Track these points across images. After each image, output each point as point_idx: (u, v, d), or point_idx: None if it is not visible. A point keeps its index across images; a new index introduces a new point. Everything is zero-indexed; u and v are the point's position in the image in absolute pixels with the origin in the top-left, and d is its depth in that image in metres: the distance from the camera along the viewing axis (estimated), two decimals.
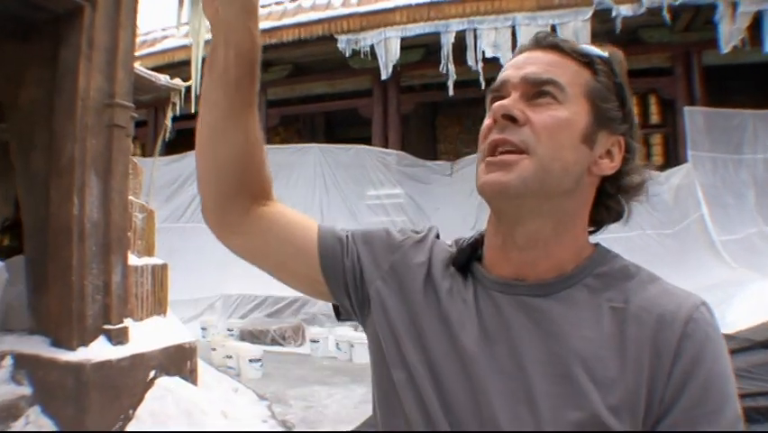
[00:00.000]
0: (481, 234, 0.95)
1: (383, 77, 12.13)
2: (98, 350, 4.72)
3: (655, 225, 10.17)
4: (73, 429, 4.44)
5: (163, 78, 8.76)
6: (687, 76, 11.54)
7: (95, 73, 4.95)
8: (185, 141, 13.56)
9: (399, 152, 12.95)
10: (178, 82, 9.12)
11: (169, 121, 9.53)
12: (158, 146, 10.44)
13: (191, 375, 5.56)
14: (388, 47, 11.90)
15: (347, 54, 12.18)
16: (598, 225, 0.92)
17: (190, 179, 13.27)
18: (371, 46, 12.01)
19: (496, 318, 0.84)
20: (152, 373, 5.05)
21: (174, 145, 12.40)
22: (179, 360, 5.44)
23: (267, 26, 11.93)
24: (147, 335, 5.30)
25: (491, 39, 11.36)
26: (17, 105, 5.27)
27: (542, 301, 0.83)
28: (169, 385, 5.08)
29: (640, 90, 11.60)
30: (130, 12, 5.29)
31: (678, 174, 10.67)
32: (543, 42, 0.89)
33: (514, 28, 11.24)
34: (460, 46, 11.49)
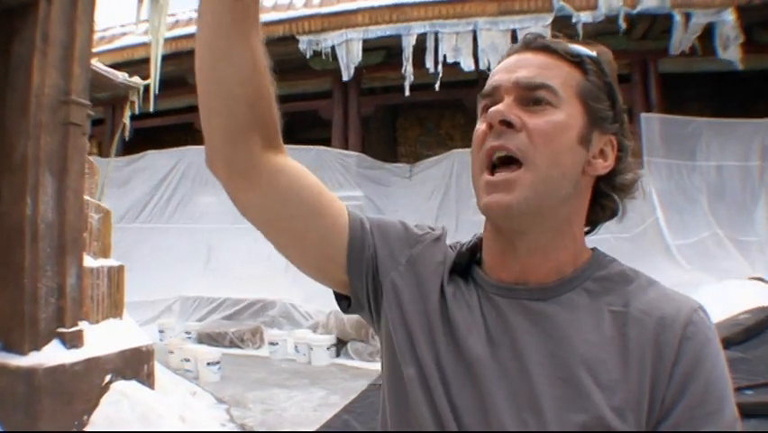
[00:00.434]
0: (479, 237, 0.95)
1: (344, 78, 12.13)
2: (51, 354, 4.60)
3: (613, 230, 10.28)
4: None
5: (121, 76, 8.65)
6: (644, 83, 11.82)
7: (49, 69, 4.82)
8: (143, 140, 13.38)
9: (359, 154, 12.96)
10: (136, 80, 9.02)
11: (127, 120, 9.38)
12: (114, 145, 10.25)
13: (148, 379, 5.48)
14: (349, 48, 11.91)
15: (308, 55, 12.14)
16: (593, 224, 0.93)
17: (147, 177, 13.09)
18: (332, 47, 12.01)
19: (498, 322, 0.85)
20: (108, 378, 4.96)
21: (132, 145, 12.20)
22: (136, 363, 5.36)
23: None
24: (103, 338, 5.19)
25: (452, 43, 11.48)
26: None
27: (543, 305, 0.84)
28: (125, 389, 4.99)
29: None
30: (87, 6, 5.17)
31: None
32: (532, 44, 0.89)
33: (475, 32, 11.37)
34: (421, 49, 11.56)
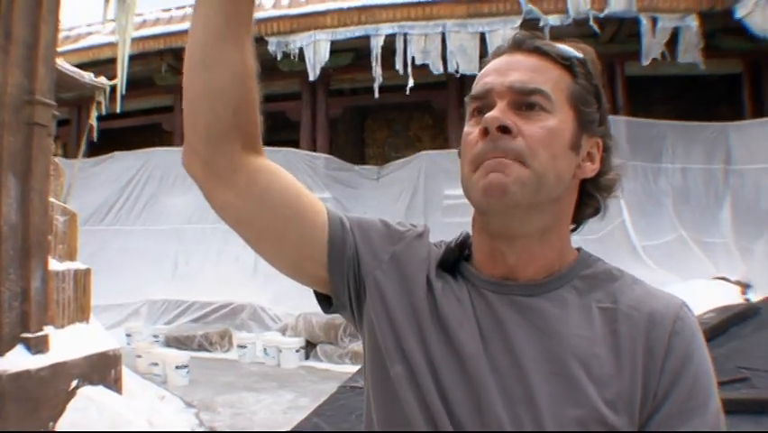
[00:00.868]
0: (468, 234, 0.95)
1: (311, 78, 12.10)
2: (15, 360, 4.51)
3: (581, 231, 10.45)
4: None
5: (87, 76, 8.53)
6: (610, 86, 11.96)
7: (12, 68, 4.73)
8: (110, 141, 13.18)
9: (327, 156, 12.94)
10: (103, 80, 8.91)
11: (93, 120, 9.25)
12: (81, 146, 10.08)
13: (115, 384, 5.42)
14: (317, 49, 11.89)
15: (278, 57, 12.08)
16: (577, 223, 0.95)
17: (114, 178, 12.90)
18: (300, 48, 11.98)
19: (489, 317, 0.85)
20: (74, 383, 4.89)
21: (99, 146, 12.02)
22: (103, 368, 5.29)
23: None
24: (69, 342, 5.12)
25: (421, 45, 11.53)
26: None
27: (533, 300, 0.85)
28: (92, 395, 4.92)
29: None
30: (52, 5, 5.08)
31: None
32: (524, 45, 0.89)
33: (444, 35, 11.42)
34: (390, 51, 11.59)
